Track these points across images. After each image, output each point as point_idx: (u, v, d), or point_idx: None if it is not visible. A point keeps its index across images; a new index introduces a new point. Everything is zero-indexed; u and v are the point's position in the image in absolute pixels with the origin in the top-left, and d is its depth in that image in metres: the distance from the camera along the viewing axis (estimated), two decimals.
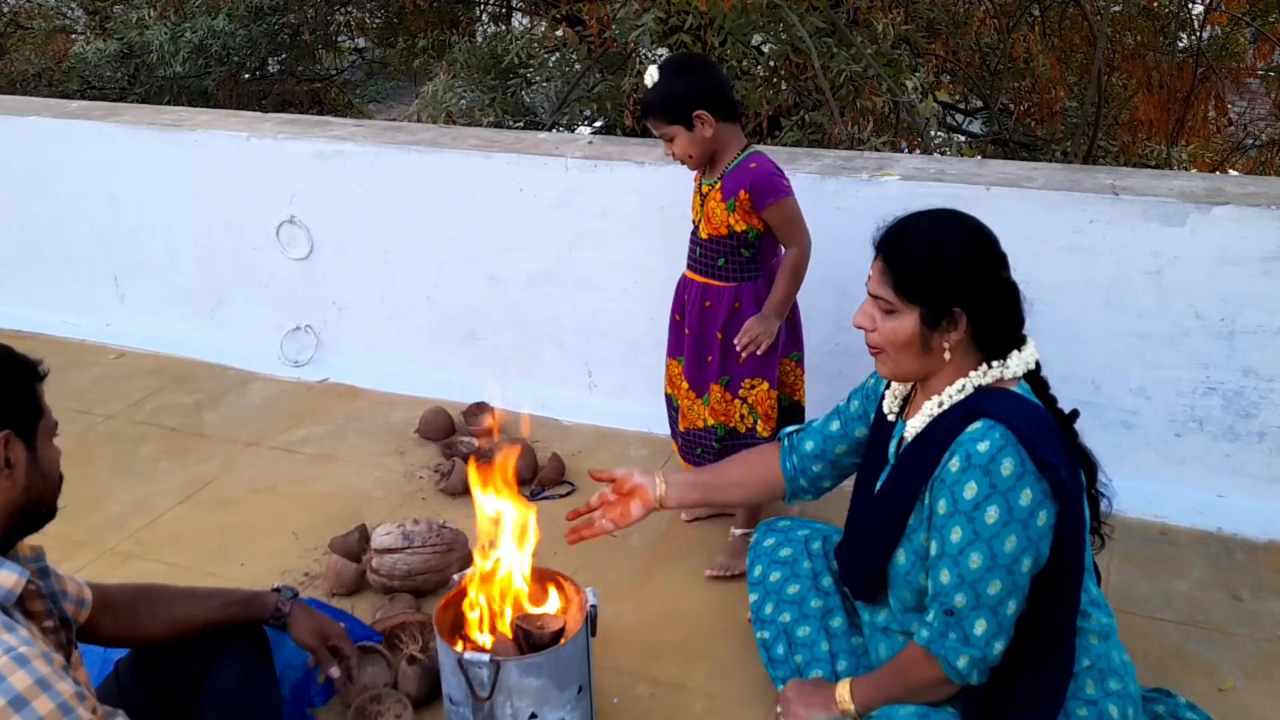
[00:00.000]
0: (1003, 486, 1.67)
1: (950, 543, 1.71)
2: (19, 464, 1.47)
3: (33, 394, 1.51)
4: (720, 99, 2.47)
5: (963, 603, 1.70)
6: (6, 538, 1.48)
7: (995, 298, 1.76)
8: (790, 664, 2.10)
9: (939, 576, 1.73)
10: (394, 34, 7.18)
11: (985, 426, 1.71)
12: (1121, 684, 1.86)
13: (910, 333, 1.77)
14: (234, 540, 2.82)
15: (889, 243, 1.80)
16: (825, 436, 2.15)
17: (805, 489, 2.20)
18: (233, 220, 3.82)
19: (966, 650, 1.72)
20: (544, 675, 1.90)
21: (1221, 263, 2.69)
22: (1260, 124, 7.93)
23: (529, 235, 3.37)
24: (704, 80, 2.47)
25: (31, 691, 1.30)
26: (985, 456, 1.68)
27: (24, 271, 4.26)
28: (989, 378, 1.79)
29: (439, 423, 3.32)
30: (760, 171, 2.47)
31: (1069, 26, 6.10)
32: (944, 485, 1.72)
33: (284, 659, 2.14)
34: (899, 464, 1.87)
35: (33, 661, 1.32)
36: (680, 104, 2.44)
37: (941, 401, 1.80)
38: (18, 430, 1.47)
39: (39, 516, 1.54)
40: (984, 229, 1.80)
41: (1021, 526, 1.68)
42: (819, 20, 4.32)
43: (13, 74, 7.40)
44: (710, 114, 2.44)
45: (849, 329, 3.07)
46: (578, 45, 5.25)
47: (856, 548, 1.99)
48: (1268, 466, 2.80)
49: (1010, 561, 1.68)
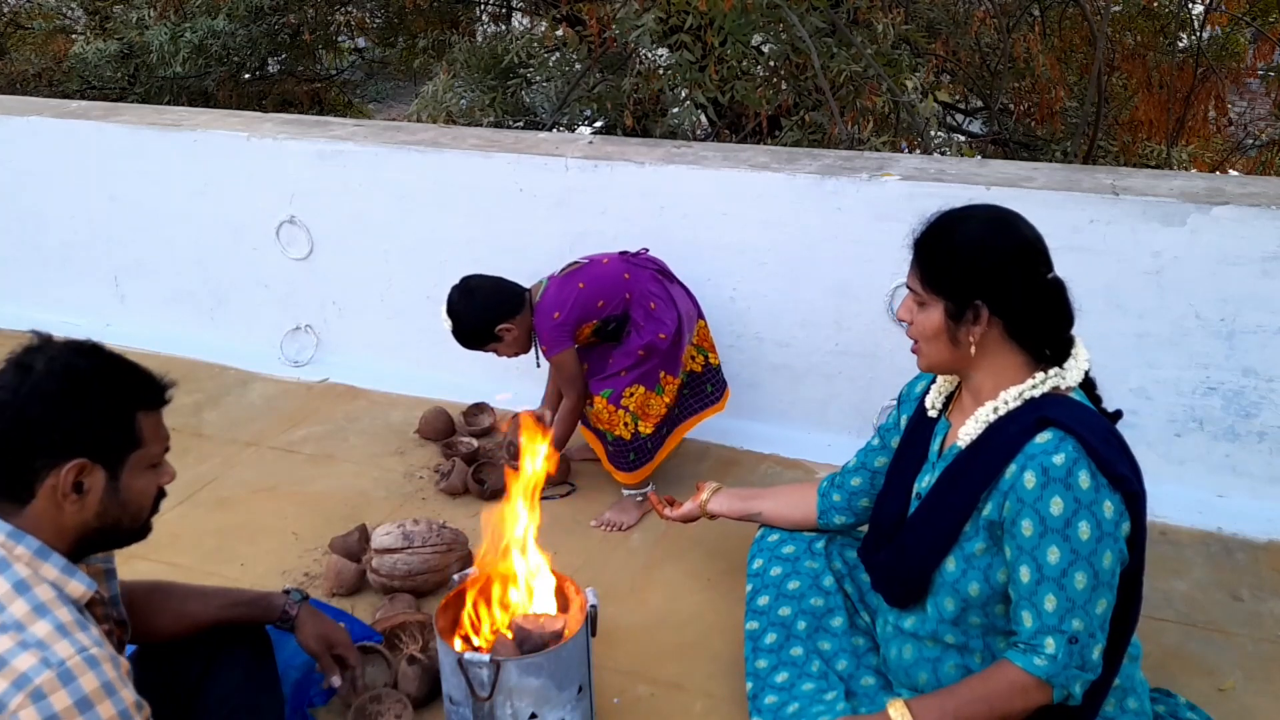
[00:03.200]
0: (1086, 500, 1.63)
1: (1050, 564, 1.65)
2: (94, 491, 1.47)
3: (130, 422, 1.50)
4: (501, 307, 2.80)
5: (1081, 627, 1.65)
6: (79, 551, 1.49)
7: (1025, 295, 1.73)
8: (781, 656, 2.06)
9: (1042, 602, 1.66)
10: (394, 34, 7.19)
11: (1057, 438, 1.66)
12: (1140, 703, 1.86)
13: (937, 325, 1.77)
14: (234, 540, 2.83)
15: (921, 236, 1.80)
16: (866, 451, 2.17)
17: (839, 507, 2.20)
18: (233, 220, 3.82)
19: (1084, 675, 1.67)
20: (544, 675, 1.90)
21: (1221, 263, 2.69)
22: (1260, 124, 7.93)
23: (529, 235, 3.37)
24: (480, 303, 2.80)
25: (98, 695, 1.32)
26: (1063, 470, 1.64)
27: (24, 271, 4.26)
28: (1047, 386, 1.75)
29: (439, 423, 3.32)
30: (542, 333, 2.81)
31: (1069, 26, 6.10)
32: (1023, 503, 1.66)
33: (284, 659, 2.14)
34: (952, 469, 1.81)
35: (102, 664, 1.35)
36: (480, 332, 2.81)
37: (997, 407, 1.76)
38: (101, 458, 1.47)
39: (119, 538, 1.55)
40: (1017, 224, 1.78)
41: (1112, 540, 1.65)
42: (819, 20, 4.33)
43: (13, 74, 7.41)
44: (505, 321, 2.79)
45: (849, 329, 3.10)
46: (578, 45, 5.25)
47: (896, 552, 1.91)
48: (1268, 466, 2.80)
49: (1110, 578, 1.66)
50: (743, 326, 3.19)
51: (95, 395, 1.47)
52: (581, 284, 2.78)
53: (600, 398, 2.75)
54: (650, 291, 2.81)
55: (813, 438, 3.19)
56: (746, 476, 3.07)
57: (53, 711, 1.29)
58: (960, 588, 1.79)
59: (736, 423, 3.14)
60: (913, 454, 1.95)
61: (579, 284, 2.78)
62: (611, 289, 2.78)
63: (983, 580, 1.76)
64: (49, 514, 1.45)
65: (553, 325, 2.75)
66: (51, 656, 1.32)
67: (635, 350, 2.76)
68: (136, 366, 1.54)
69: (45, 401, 1.43)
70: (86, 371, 1.47)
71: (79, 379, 1.46)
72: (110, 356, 1.51)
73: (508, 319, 2.79)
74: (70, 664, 1.32)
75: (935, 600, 1.84)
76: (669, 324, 2.78)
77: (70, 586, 1.44)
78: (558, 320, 2.74)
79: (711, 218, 3.14)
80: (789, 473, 3.09)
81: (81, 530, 1.48)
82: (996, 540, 1.74)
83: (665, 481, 2.95)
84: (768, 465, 3.14)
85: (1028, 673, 1.67)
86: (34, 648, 1.33)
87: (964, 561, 1.78)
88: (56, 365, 1.45)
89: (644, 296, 2.79)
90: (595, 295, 2.77)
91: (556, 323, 2.75)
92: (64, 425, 1.44)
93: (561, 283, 2.80)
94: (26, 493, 1.44)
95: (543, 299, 2.79)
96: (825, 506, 2.22)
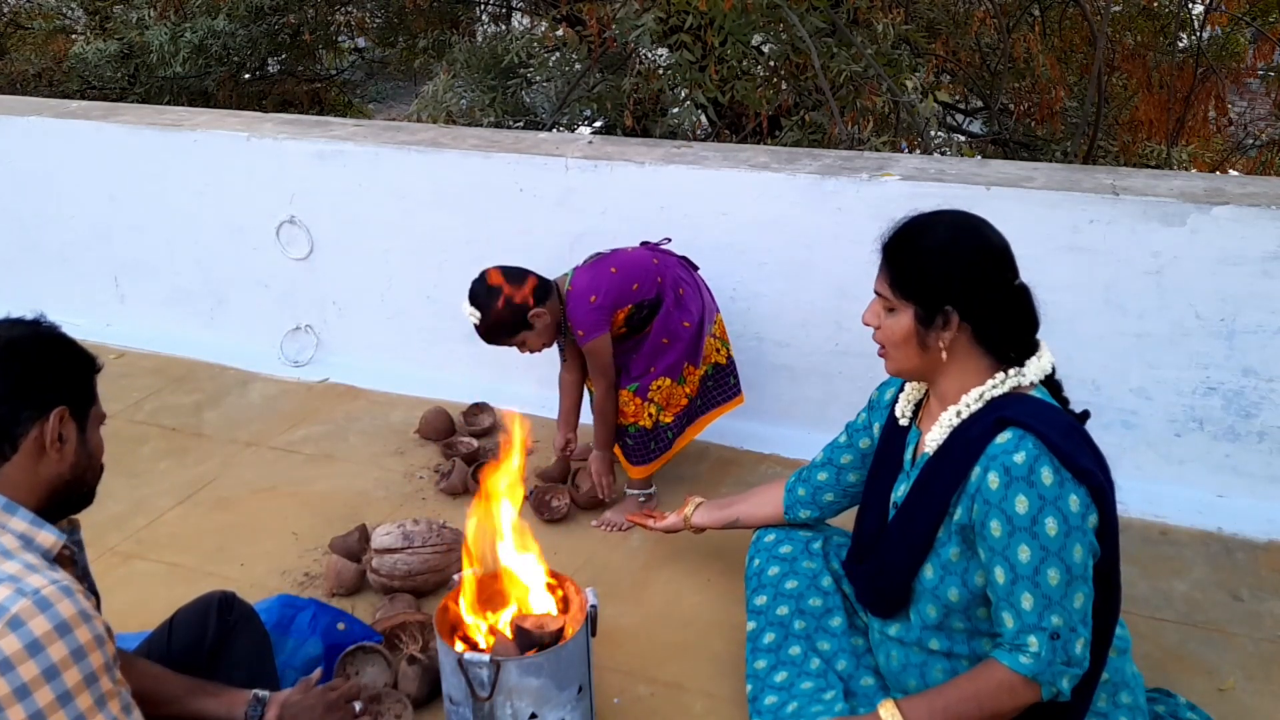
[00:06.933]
0: (1050, 496, 1.64)
1: (1021, 564, 1.66)
2: (70, 441, 1.53)
3: (89, 381, 1.59)
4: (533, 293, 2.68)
5: (1060, 622, 1.66)
6: (46, 511, 1.53)
7: (993, 301, 1.75)
8: (780, 656, 2.06)
9: (1019, 601, 1.67)
10: (394, 34, 7.19)
11: (1016, 436, 1.67)
12: (1132, 696, 1.86)
13: (906, 330, 1.77)
14: (234, 540, 2.82)
15: (889, 241, 1.81)
16: (833, 448, 2.21)
17: (803, 501, 2.24)
18: (233, 220, 3.82)
19: (1070, 670, 1.68)
20: (544, 675, 1.90)
21: (1221, 263, 2.69)
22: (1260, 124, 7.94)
23: (529, 235, 3.37)
24: (505, 296, 2.66)
25: (75, 620, 1.35)
26: (1024, 468, 1.65)
27: (24, 271, 4.26)
28: (1006, 385, 1.76)
29: (439, 423, 3.32)
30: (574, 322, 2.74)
31: (1069, 26, 6.10)
32: (989, 505, 1.68)
33: (283, 659, 2.14)
34: (922, 477, 1.83)
35: (75, 594, 1.38)
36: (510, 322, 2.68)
37: (959, 411, 1.77)
38: (74, 409, 1.54)
39: (79, 498, 1.60)
40: (985, 231, 1.78)
41: (1080, 534, 1.65)
42: (819, 20, 4.33)
43: (13, 74, 7.41)
44: (537, 305, 2.68)
45: (849, 329, 3.10)
46: (578, 45, 5.25)
47: (876, 563, 1.92)
48: (1268, 466, 2.80)
49: (1082, 570, 1.66)
50: (743, 326, 3.19)
51: (62, 349, 1.55)
52: (613, 269, 2.74)
53: (627, 391, 2.75)
54: (680, 277, 2.81)
55: (813, 438, 3.15)
56: (746, 476, 3.07)
57: (33, 637, 1.31)
58: (940, 594, 1.79)
59: (736, 423, 3.14)
60: (888, 464, 1.97)
61: (610, 269, 2.74)
62: (643, 273, 2.76)
63: (961, 585, 1.77)
64: (26, 469, 1.49)
65: (589, 309, 2.69)
66: (25, 586, 1.35)
67: (660, 340, 2.75)
68: None
69: (24, 357, 1.50)
70: (46, 332, 1.55)
71: (43, 337, 1.54)
72: (51, 323, 1.58)
73: (539, 304, 2.69)
74: (45, 592, 1.35)
75: (917, 608, 1.85)
76: (694, 312, 2.79)
77: (40, 537, 1.48)
78: (594, 304, 2.69)
79: (711, 218, 3.14)
80: (788, 473, 3.07)
81: (55, 482, 1.53)
82: (970, 544, 1.75)
83: (665, 481, 2.95)
84: (768, 465, 3.13)
85: (1014, 671, 1.69)
86: (6, 581, 1.36)
87: (941, 568, 1.79)
88: (17, 331, 1.53)
89: (675, 282, 2.79)
90: (629, 279, 2.73)
91: (593, 306, 2.69)
92: (45, 376, 1.51)
93: (590, 269, 2.76)
94: (11, 447, 1.48)
95: (574, 286, 2.73)
96: (791, 501, 2.27)
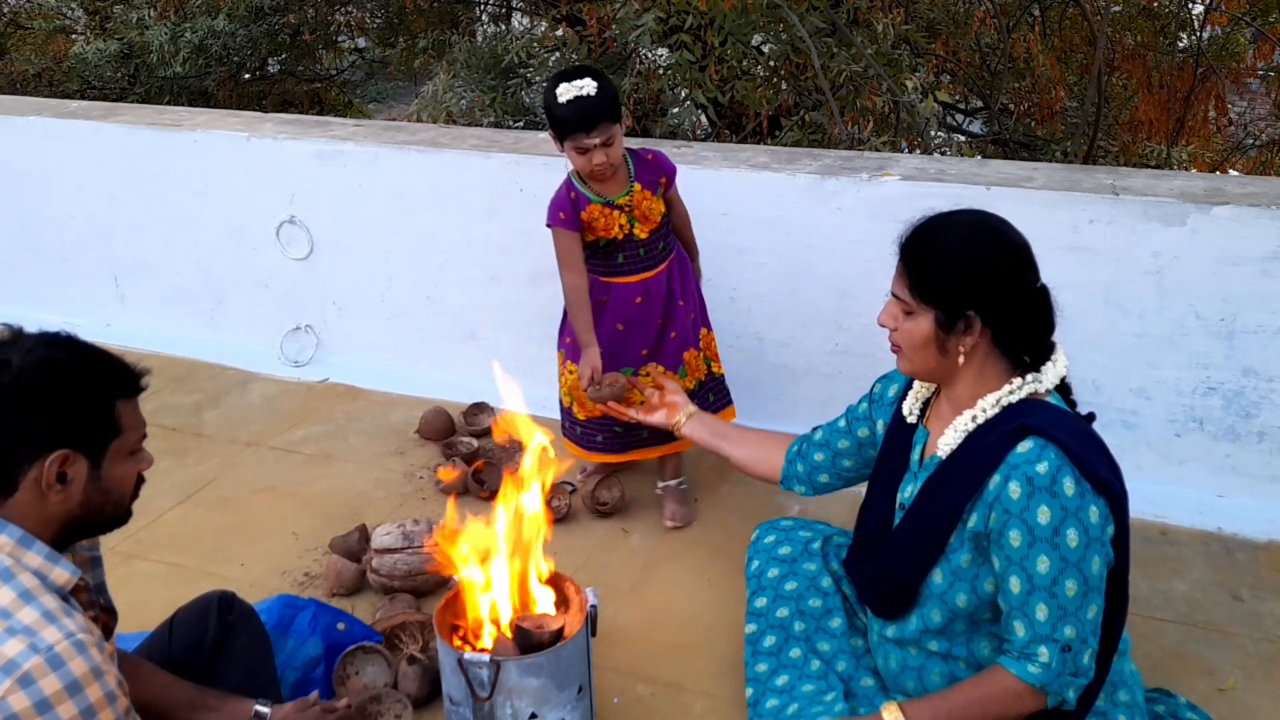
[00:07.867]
0: (1072, 507, 1.63)
1: (1040, 574, 1.65)
2: (77, 480, 1.48)
3: (109, 412, 1.50)
4: None
5: (1073, 634, 1.66)
6: (63, 540, 1.51)
7: (1016, 304, 1.72)
8: (780, 659, 2.05)
9: (1034, 612, 1.66)
10: (394, 34, 7.18)
11: (1038, 447, 1.66)
12: (1130, 695, 1.86)
13: (926, 335, 1.74)
14: (234, 540, 2.82)
15: (908, 243, 1.77)
16: (831, 430, 2.18)
17: (800, 477, 2.22)
18: (233, 220, 3.82)
19: (1077, 681, 1.68)
20: (544, 675, 1.90)
21: (1221, 263, 2.69)
22: (1260, 124, 7.93)
23: (529, 235, 3.36)
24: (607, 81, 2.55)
25: (87, 679, 1.34)
26: (1047, 478, 1.64)
27: (24, 271, 4.26)
28: (1024, 392, 1.74)
29: (439, 423, 3.32)
30: (662, 155, 2.70)
31: (1069, 26, 6.10)
32: (1009, 514, 1.66)
33: (283, 659, 2.14)
34: (933, 480, 1.81)
35: (89, 649, 1.36)
36: (616, 101, 2.53)
37: (975, 416, 1.75)
38: (83, 447, 1.47)
39: (102, 525, 1.56)
40: (1006, 232, 1.75)
41: (1099, 545, 1.65)
42: (819, 20, 4.32)
43: (13, 74, 7.42)
44: None
45: (849, 329, 3.10)
46: (578, 45, 5.24)
47: (881, 564, 1.90)
48: (1268, 466, 2.80)
49: (1098, 583, 1.66)
50: (743, 326, 3.19)
51: (75, 386, 1.47)
52: None
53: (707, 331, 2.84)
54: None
55: None
56: (747, 476, 3.05)
57: (42, 695, 1.31)
58: (948, 599, 1.79)
59: (736, 423, 3.14)
60: (893, 462, 1.94)
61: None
62: None
63: (970, 591, 1.76)
64: (32, 504, 1.46)
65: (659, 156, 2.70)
66: (39, 642, 1.33)
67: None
68: (111, 356, 1.55)
69: (25, 394, 1.44)
70: (64, 363, 1.48)
71: (58, 371, 1.46)
72: (86, 347, 1.51)
73: None
74: (58, 649, 1.33)
75: (922, 611, 1.84)
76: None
77: (55, 574, 1.45)
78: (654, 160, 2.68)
79: (711, 218, 3.14)
80: None
81: (66, 519, 1.49)
82: (983, 551, 1.74)
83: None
84: None
85: (1022, 680, 1.68)
86: (21, 634, 1.34)
87: (951, 574, 1.78)
88: (33, 358, 1.45)
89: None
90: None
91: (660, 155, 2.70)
92: (45, 417, 1.45)
93: None
94: (9, 484, 1.45)
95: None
96: (789, 472, 2.25)
